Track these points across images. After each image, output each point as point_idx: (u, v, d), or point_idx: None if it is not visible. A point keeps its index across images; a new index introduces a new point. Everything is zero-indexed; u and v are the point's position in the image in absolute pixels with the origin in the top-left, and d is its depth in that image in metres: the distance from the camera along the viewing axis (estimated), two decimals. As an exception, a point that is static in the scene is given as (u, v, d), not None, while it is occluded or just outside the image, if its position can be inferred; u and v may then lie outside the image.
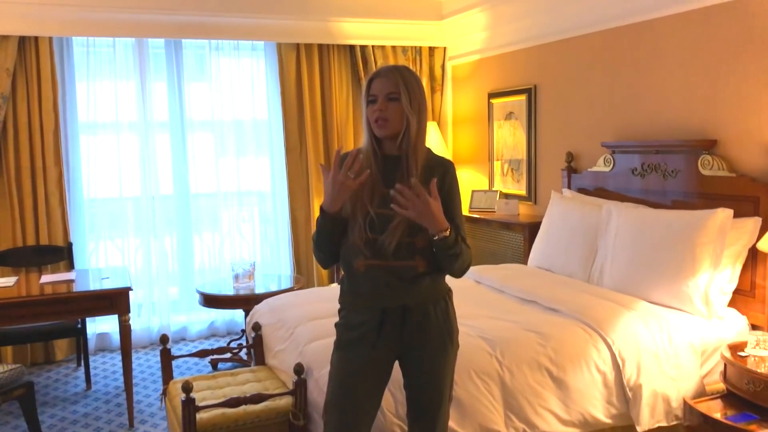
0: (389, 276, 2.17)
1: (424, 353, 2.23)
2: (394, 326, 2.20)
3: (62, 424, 3.88)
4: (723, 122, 3.46)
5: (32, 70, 4.75)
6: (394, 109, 2.15)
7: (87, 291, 3.76)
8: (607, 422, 2.89)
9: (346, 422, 2.19)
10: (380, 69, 2.21)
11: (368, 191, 2.16)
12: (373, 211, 2.14)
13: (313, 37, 5.44)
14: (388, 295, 2.19)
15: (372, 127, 2.18)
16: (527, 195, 5.08)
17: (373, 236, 2.14)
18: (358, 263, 2.19)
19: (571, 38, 4.52)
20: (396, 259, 2.16)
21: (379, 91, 2.16)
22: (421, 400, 2.27)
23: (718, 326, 3.20)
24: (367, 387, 2.22)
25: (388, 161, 2.21)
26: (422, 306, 2.20)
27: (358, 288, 2.23)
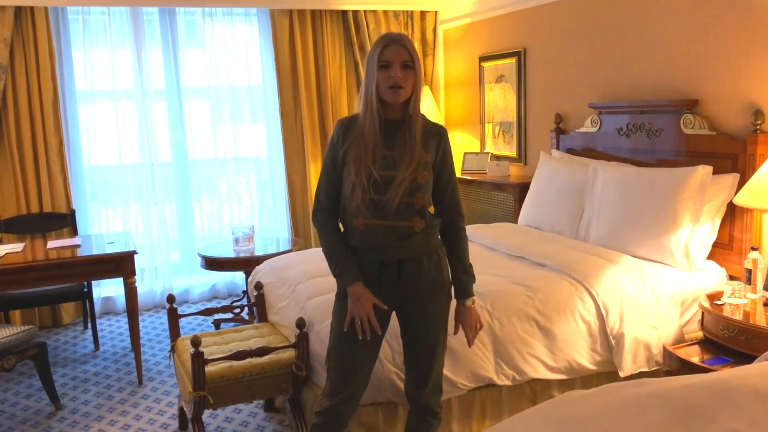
0: (387, 234, 2.30)
1: (419, 303, 2.38)
2: (391, 278, 2.34)
3: (74, 382, 4.06)
4: (704, 82, 3.58)
5: (29, 40, 4.81)
6: (409, 77, 2.23)
7: (94, 255, 3.90)
8: (591, 368, 3.07)
9: (346, 368, 2.35)
10: (391, 36, 2.26)
11: (371, 154, 2.26)
12: (376, 173, 2.25)
13: (306, 3, 5.50)
14: (386, 250, 2.32)
15: (385, 93, 2.23)
16: (518, 156, 5.21)
17: (376, 197, 2.26)
18: (357, 221, 2.31)
19: (559, 1, 4.60)
20: (395, 219, 2.29)
21: (395, 57, 2.21)
22: (416, 349, 2.43)
23: (698, 278, 3.36)
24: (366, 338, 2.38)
25: (389, 125, 2.31)
26: (416, 259, 2.34)
27: (357, 244, 2.36)
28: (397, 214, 2.28)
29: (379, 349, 2.46)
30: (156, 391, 3.87)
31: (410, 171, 2.25)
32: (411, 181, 2.25)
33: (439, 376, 2.48)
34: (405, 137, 2.29)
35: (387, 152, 2.27)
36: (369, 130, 2.26)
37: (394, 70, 2.22)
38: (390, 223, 2.29)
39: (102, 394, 3.87)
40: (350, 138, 2.31)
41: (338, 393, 2.34)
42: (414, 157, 2.26)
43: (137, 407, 3.68)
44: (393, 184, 2.25)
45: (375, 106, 2.27)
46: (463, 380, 2.83)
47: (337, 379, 2.36)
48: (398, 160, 2.27)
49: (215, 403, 2.85)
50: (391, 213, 2.28)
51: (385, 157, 2.27)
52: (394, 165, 2.27)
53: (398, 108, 2.30)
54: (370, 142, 2.26)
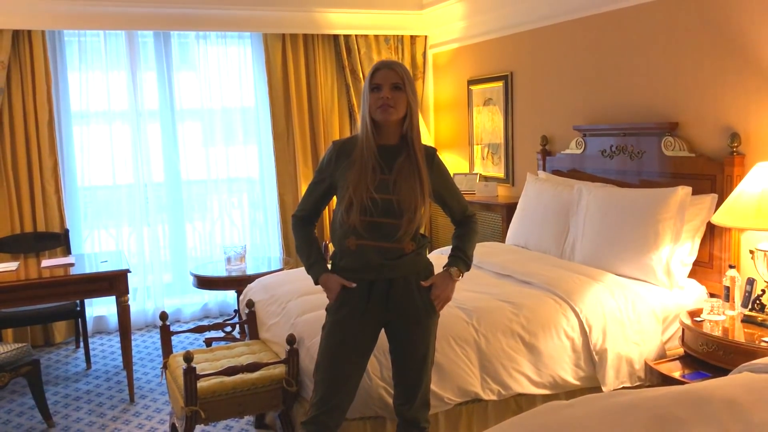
0: (377, 254, 2.38)
1: (407, 322, 2.46)
2: (380, 297, 2.42)
3: (66, 400, 4.09)
4: (684, 106, 3.70)
5: (26, 63, 4.91)
6: (399, 98, 2.35)
7: (88, 273, 3.95)
8: (575, 384, 3.15)
9: (334, 382, 2.42)
10: (383, 62, 2.41)
11: (369, 176, 2.34)
12: (375, 195, 2.33)
13: (298, 27, 5.62)
14: (375, 270, 2.40)
15: (375, 112, 2.35)
16: (505, 177, 5.32)
17: (372, 219, 2.35)
18: (349, 241, 2.40)
19: (545, 27, 4.74)
20: (387, 241, 2.37)
21: (384, 80, 2.35)
22: (405, 364, 2.50)
23: (679, 295, 3.45)
24: (354, 351, 2.45)
25: (386, 150, 2.40)
26: (406, 278, 2.43)
27: (346, 264, 2.44)
28: (390, 236, 2.37)
29: (366, 364, 2.53)
30: (147, 409, 3.91)
31: (409, 196, 2.35)
32: (408, 206, 2.34)
33: (427, 392, 2.55)
34: (405, 163, 2.38)
35: (384, 176, 2.36)
36: (367, 152, 2.36)
37: (384, 91, 2.34)
38: (382, 245, 2.37)
39: (94, 411, 3.91)
40: (345, 160, 2.40)
41: (324, 404, 2.41)
42: (415, 183, 2.36)
43: (129, 424, 3.71)
44: (391, 207, 2.34)
45: (369, 129, 2.38)
46: (449, 395, 2.90)
47: (324, 392, 2.42)
48: (397, 184, 2.35)
49: (207, 418, 2.90)
50: (385, 235, 2.36)
51: (383, 180, 2.36)
52: (391, 189, 2.35)
53: (393, 133, 2.40)
54: (368, 164, 2.35)
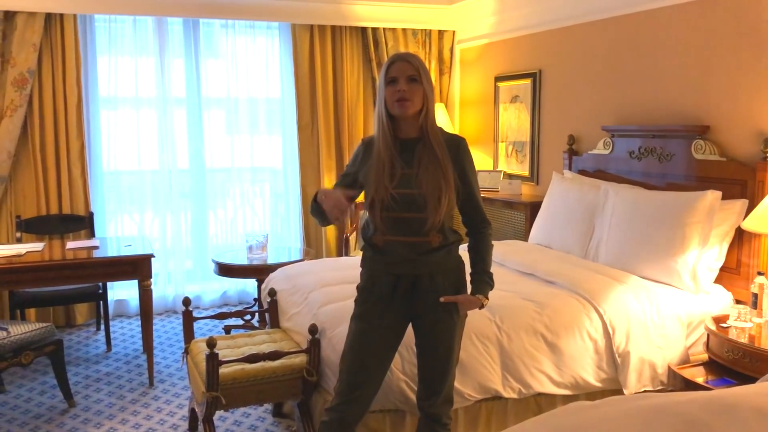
0: (405, 249, 2.36)
1: (432, 320, 2.42)
2: (405, 293, 2.40)
3: (86, 381, 4.13)
4: (716, 109, 3.65)
5: (57, 46, 4.95)
6: (415, 90, 2.31)
7: (112, 256, 3.99)
8: (596, 385, 3.12)
9: (356, 373, 2.41)
10: (398, 54, 2.37)
11: (388, 172, 2.32)
12: (394, 192, 2.31)
13: (327, 19, 5.62)
14: (402, 265, 2.38)
15: (392, 106, 2.32)
16: (530, 176, 5.29)
17: (393, 214, 2.33)
18: (376, 238, 2.39)
19: (575, 25, 4.69)
20: (413, 235, 2.35)
21: (400, 73, 2.31)
22: (430, 361, 2.47)
23: (705, 301, 3.41)
24: (379, 345, 2.43)
25: (404, 144, 2.38)
26: (432, 276, 2.39)
27: (375, 257, 2.43)
28: (415, 231, 2.34)
29: (392, 358, 2.52)
30: (167, 393, 3.94)
31: (431, 188, 2.31)
32: (432, 197, 2.31)
33: (451, 389, 2.52)
34: (424, 154, 2.35)
35: (404, 170, 2.33)
36: (383, 148, 2.34)
37: (399, 84, 2.30)
38: (408, 240, 2.35)
39: (114, 393, 3.95)
40: (368, 159, 2.39)
41: (348, 394, 2.40)
42: (437, 173, 2.32)
43: (148, 407, 3.75)
44: (413, 202, 2.32)
45: (386, 123, 2.35)
46: (470, 391, 2.89)
47: (348, 382, 2.41)
48: (418, 178, 2.32)
49: (227, 404, 2.91)
50: (411, 229, 2.34)
51: (404, 175, 2.33)
52: (412, 183, 2.33)
53: (411, 125, 2.37)
54: (386, 160, 2.33)
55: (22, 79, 4.80)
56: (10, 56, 4.77)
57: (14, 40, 4.77)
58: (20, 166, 5.01)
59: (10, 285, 4.07)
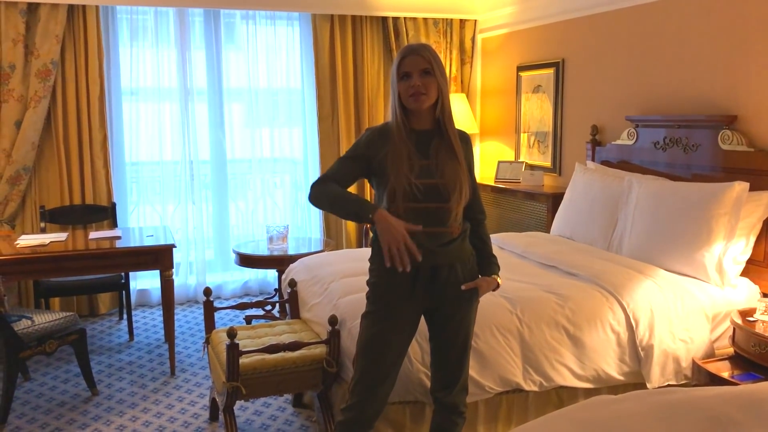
0: (427, 240, 2.33)
1: (449, 309, 2.42)
2: (425, 283, 2.38)
3: (109, 370, 4.17)
4: (743, 99, 3.58)
5: (80, 38, 4.97)
6: (429, 83, 2.29)
7: (134, 246, 4.01)
8: (619, 379, 3.08)
9: (374, 369, 2.38)
10: (409, 47, 2.33)
11: (407, 163, 2.30)
12: (416, 182, 2.29)
13: (347, 9, 5.59)
14: (424, 256, 2.33)
15: (407, 101, 2.30)
16: (552, 166, 5.23)
17: (416, 205, 2.31)
18: None
19: (598, 14, 4.62)
20: (436, 225, 2.33)
21: (413, 67, 2.29)
22: (446, 350, 2.46)
23: (731, 294, 3.35)
24: (396, 344, 2.40)
25: (420, 135, 2.36)
26: (451, 266, 2.39)
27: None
28: (438, 221, 2.33)
29: (407, 352, 2.50)
30: (188, 383, 3.97)
31: (452, 178, 2.31)
32: (454, 187, 2.30)
33: (466, 377, 2.52)
34: (441, 145, 2.34)
35: (422, 161, 2.32)
36: (399, 140, 2.32)
37: (413, 79, 2.28)
38: (431, 230, 2.32)
39: (136, 382, 3.98)
40: (382, 147, 2.35)
41: (366, 391, 2.38)
42: (456, 164, 2.33)
43: (169, 397, 3.78)
44: (436, 192, 2.31)
45: (400, 116, 2.33)
46: (490, 384, 2.87)
47: (367, 379, 2.38)
48: (438, 168, 2.32)
49: (247, 394, 2.93)
50: (435, 219, 2.33)
51: (423, 166, 2.32)
52: (433, 173, 2.31)
53: (426, 117, 2.36)
54: (403, 151, 2.31)
55: (45, 70, 4.84)
56: (34, 47, 4.81)
57: (38, 31, 4.81)
58: (44, 156, 5.06)
59: (35, 274, 4.12)
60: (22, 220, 5.03)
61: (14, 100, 4.83)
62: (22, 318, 3.53)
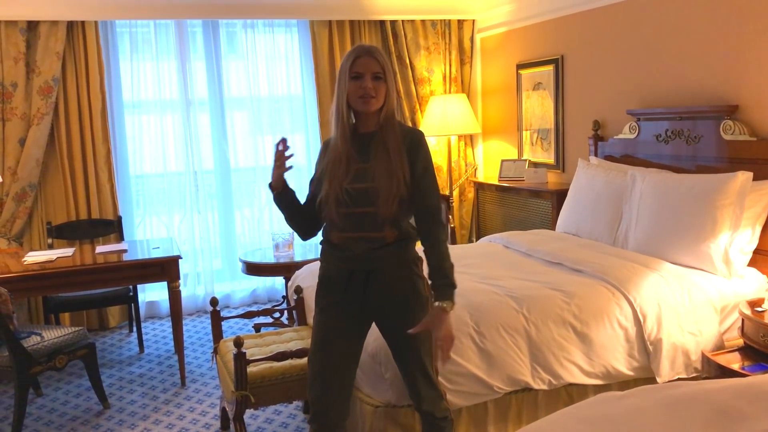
0: (360, 244, 2.32)
1: (393, 317, 2.38)
2: (357, 286, 2.34)
3: (120, 383, 4.19)
4: (744, 88, 3.56)
5: (80, 53, 5.01)
6: (380, 88, 2.27)
7: (140, 259, 4.03)
8: (628, 374, 3.07)
9: (325, 375, 2.37)
10: (362, 47, 2.29)
11: (343, 167, 2.28)
12: (348, 186, 2.27)
13: (345, 14, 5.60)
14: (356, 260, 2.33)
15: (356, 102, 2.28)
16: (555, 163, 5.22)
17: (346, 210, 2.28)
18: (333, 236, 2.36)
19: (596, 8, 4.61)
20: (368, 230, 2.30)
21: (366, 69, 2.25)
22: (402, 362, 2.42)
23: (738, 285, 3.33)
24: (339, 340, 2.38)
25: (363, 138, 2.33)
26: (385, 270, 2.34)
27: (330, 251, 2.39)
28: (370, 225, 2.30)
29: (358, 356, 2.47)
30: (198, 393, 3.98)
31: (386, 182, 2.25)
32: (386, 192, 2.25)
33: (431, 386, 2.42)
34: (379, 148, 2.30)
35: (361, 165, 2.29)
36: (341, 142, 2.29)
37: (365, 81, 2.25)
38: (363, 235, 2.31)
39: (147, 394, 4.00)
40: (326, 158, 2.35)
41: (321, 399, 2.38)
42: (392, 167, 2.27)
43: (181, 408, 3.79)
44: (366, 196, 2.27)
45: (345, 117, 2.30)
46: (499, 384, 2.86)
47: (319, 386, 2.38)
48: (374, 172, 2.28)
49: (256, 402, 2.93)
50: (366, 225, 2.30)
51: (359, 169, 2.29)
52: (368, 177, 2.28)
53: (372, 119, 2.32)
54: (342, 154, 2.28)
55: (47, 87, 4.87)
56: (35, 65, 4.85)
57: (38, 49, 4.84)
58: (49, 173, 5.09)
59: (44, 290, 4.14)
60: (30, 236, 5.06)
61: (17, 118, 4.86)
62: (32, 335, 3.55)
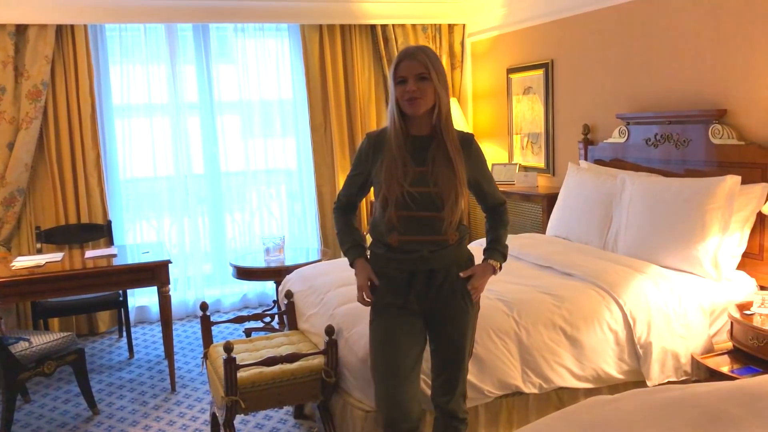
0: (422, 248, 2.33)
1: (446, 312, 2.41)
2: (420, 287, 2.37)
3: (110, 388, 4.16)
4: (732, 92, 3.58)
5: (69, 57, 4.98)
6: (425, 88, 2.26)
7: (130, 264, 4.01)
8: (619, 378, 3.08)
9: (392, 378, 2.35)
10: (406, 51, 2.30)
11: (401, 170, 2.29)
12: (411, 190, 2.28)
13: (336, 18, 5.60)
14: (419, 262, 2.35)
15: (403, 106, 2.28)
16: (546, 167, 5.23)
17: (408, 213, 2.30)
18: (392, 238, 2.34)
19: (586, 13, 4.63)
20: (430, 234, 2.32)
21: (409, 72, 2.26)
22: (444, 357, 2.45)
23: (727, 288, 3.35)
24: (404, 342, 2.38)
25: (416, 141, 2.34)
26: (447, 269, 2.38)
27: (389, 256, 2.39)
28: (434, 229, 2.32)
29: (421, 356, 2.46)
30: (189, 398, 3.96)
31: (450, 187, 2.28)
32: (448, 196, 2.28)
33: (465, 384, 2.51)
34: (438, 153, 2.31)
35: (417, 168, 2.30)
36: (396, 146, 2.31)
37: (409, 84, 2.26)
38: (426, 238, 2.32)
39: (137, 400, 3.97)
40: (379, 155, 2.35)
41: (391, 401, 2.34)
42: (454, 172, 2.30)
43: (171, 413, 3.76)
44: (430, 200, 2.29)
45: (397, 122, 2.32)
46: (489, 387, 2.86)
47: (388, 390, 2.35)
48: (436, 177, 2.29)
49: (246, 408, 2.91)
50: (428, 228, 2.31)
51: (417, 173, 2.30)
52: (429, 181, 2.29)
53: (424, 123, 2.33)
54: (398, 158, 2.29)
55: (36, 91, 4.85)
56: (24, 69, 4.82)
57: (27, 53, 4.82)
58: (38, 177, 5.06)
59: (32, 296, 4.11)
60: (18, 241, 5.03)
61: (6, 122, 4.83)
62: (20, 340, 3.52)
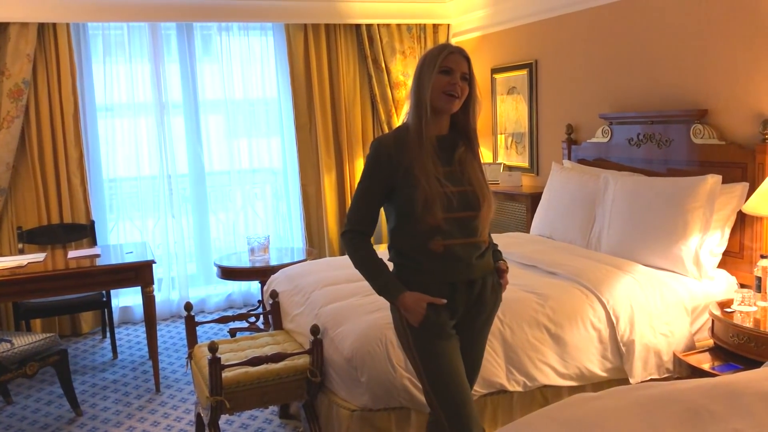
0: (465, 252, 2.21)
1: (479, 320, 2.32)
2: (461, 301, 2.26)
3: (93, 389, 4.13)
4: (713, 93, 3.62)
5: (51, 56, 4.94)
6: (465, 89, 2.19)
7: (113, 264, 3.98)
8: (602, 375, 3.10)
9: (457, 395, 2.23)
10: (450, 46, 2.21)
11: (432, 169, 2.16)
12: (454, 189, 2.17)
13: (320, 17, 5.60)
14: (461, 270, 2.22)
15: (439, 98, 2.17)
16: (530, 167, 5.26)
17: (451, 214, 2.17)
18: (435, 244, 2.18)
19: (570, 14, 4.66)
20: (474, 236, 2.22)
21: (457, 66, 2.17)
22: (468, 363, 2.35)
23: (709, 286, 3.39)
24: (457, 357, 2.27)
25: (441, 140, 2.23)
26: (484, 279, 2.28)
27: (429, 267, 2.22)
28: (472, 231, 2.22)
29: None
30: (173, 399, 3.94)
31: (480, 186, 2.23)
32: (484, 195, 2.22)
33: None
34: (466, 152, 2.25)
35: (447, 167, 2.21)
36: (426, 142, 2.18)
37: (454, 77, 2.16)
38: (471, 241, 2.22)
39: (120, 401, 3.95)
40: (404, 157, 2.19)
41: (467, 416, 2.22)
42: (480, 172, 2.26)
43: (155, 414, 3.75)
44: (467, 199, 2.20)
45: (428, 116, 2.18)
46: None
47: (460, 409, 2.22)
48: (466, 175, 2.22)
49: (231, 408, 2.91)
50: (469, 230, 2.22)
51: (449, 172, 2.20)
52: (460, 180, 2.21)
53: (445, 122, 2.24)
54: (428, 155, 2.17)
55: (17, 90, 4.80)
56: (5, 67, 4.77)
57: (8, 51, 4.77)
58: (20, 177, 5.01)
59: (14, 296, 4.07)
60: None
61: (-13, 121, 4.78)
62: (2, 341, 3.49)
